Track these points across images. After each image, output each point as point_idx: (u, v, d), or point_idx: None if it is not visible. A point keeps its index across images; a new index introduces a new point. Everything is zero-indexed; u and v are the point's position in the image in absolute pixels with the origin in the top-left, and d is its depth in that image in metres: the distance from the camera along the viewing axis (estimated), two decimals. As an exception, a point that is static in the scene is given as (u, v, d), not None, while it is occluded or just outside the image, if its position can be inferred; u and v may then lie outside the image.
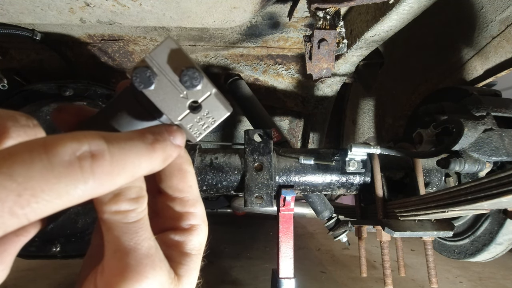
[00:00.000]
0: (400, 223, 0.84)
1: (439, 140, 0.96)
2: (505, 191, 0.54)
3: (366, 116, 1.71)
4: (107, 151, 0.24)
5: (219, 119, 0.30)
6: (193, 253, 0.34)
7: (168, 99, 0.29)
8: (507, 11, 0.99)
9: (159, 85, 0.28)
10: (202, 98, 0.29)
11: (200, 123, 0.30)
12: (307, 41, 0.77)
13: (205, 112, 0.30)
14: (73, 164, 0.23)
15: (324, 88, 1.40)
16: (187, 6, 0.81)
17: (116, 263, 0.28)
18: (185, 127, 0.30)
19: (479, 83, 1.16)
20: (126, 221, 0.28)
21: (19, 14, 0.84)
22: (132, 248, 0.28)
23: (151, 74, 0.27)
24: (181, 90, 0.29)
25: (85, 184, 0.23)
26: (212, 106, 0.29)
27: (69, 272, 1.89)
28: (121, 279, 0.28)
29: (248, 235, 2.68)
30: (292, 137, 1.74)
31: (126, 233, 0.28)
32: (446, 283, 1.94)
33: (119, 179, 0.25)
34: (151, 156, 0.27)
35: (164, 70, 0.28)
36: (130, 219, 0.28)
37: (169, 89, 0.28)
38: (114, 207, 0.28)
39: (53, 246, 0.92)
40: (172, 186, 0.34)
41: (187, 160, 0.35)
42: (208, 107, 0.30)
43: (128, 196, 0.28)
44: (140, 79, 0.27)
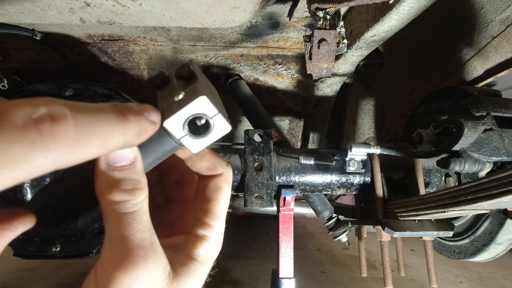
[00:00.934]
0: (400, 223, 0.84)
1: (439, 140, 0.96)
2: (505, 191, 0.54)
3: (366, 116, 1.71)
4: (70, 115, 0.23)
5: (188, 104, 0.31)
6: (198, 260, 0.35)
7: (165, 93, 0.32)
8: (507, 11, 0.99)
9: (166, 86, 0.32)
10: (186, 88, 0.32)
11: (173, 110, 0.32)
12: (307, 41, 0.77)
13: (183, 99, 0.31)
14: (29, 127, 0.21)
15: (324, 88, 1.40)
16: (187, 6, 0.81)
17: (110, 251, 0.30)
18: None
19: (479, 83, 1.16)
20: (120, 211, 0.29)
21: (19, 14, 0.84)
22: (125, 237, 0.29)
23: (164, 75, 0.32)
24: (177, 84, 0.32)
25: (46, 150, 0.22)
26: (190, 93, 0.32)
27: (69, 272, 1.89)
28: (114, 267, 0.29)
29: (248, 235, 2.68)
30: (292, 137, 1.74)
31: (120, 223, 0.29)
32: (446, 283, 1.94)
33: (90, 147, 0.25)
34: (124, 126, 0.27)
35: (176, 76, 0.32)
36: (125, 209, 0.29)
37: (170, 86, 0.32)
38: (109, 197, 0.29)
39: (53, 246, 0.92)
40: (205, 197, 0.38)
41: (226, 180, 0.39)
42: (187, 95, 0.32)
43: (123, 187, 0.29)
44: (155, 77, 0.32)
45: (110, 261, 0.29)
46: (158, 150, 0.33)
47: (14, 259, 0.94)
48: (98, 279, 0.31)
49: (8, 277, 1.83)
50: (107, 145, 0.26)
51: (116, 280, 0.29)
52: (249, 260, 2.15)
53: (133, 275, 0.29)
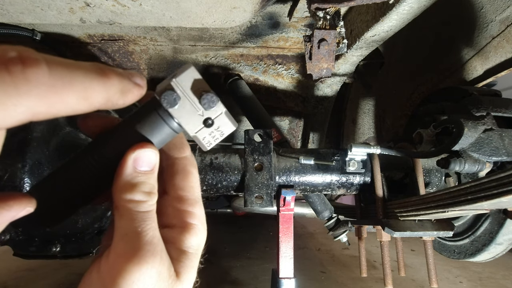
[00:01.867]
0: (400, 223, 0.84)
1: (439, 140, 0.96)
2: (505, 191, 0.54)
3: (366, 116, 1.71)
4: (43, 61, 0.24)
5: (227, 133, 0.37)
6: (190, 251, 0.36)
7: (187, 116, 0.35)
8: (507, 11, 0.99)
9: (181, 105, 0.34)
10: (215, 116, 0.36)
11: (211, 135, 0.36)
12: (307, 41, 0.77)
13: (216, 127, 0.36)
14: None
15: (324, 88, 1.40)
16: (187, 6, 0.81)
17: (123, 245, 0.31)
18: (199, 138, 0.36)
19: (479, 83, 1.16)
20: (137, 210, 0.32)
21: (19, 14, 0.84)
22: (138, 233, 0.31)
23: (176, 97, 0.33)
24: (198, 109, 0.35)
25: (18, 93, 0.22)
26: (222, 122, 0.36)
27: (69, 272, 1.89)
28: (125, 260, 0.30)
29: (248, 235, 2.68)
30: (292, 137, 1.74)
31: (135, 220, 0.32)
32: (446, 283, 1.94)
33: (68, 96, 0.25)
34: (104, 82, 0.28)
35: (187, 93, 0.34)
36: (141, 208, 0.32)
37: (189, 108, 0.35)
38: (129, 196, 0.32)
39: (53, 246, 0.92)
40: (175, 184, 0.38)
41: (192, 163, 0.39)
42: (219, 123, 0.36)
43: (142, 189, 0.33)
44: (168, 101, 0.33)
45: (121, 254, 0.31)
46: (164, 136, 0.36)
47: (14, 259, 0.94)
48: (104, 273, 0.32)
49: (8, 277, 1.83)
50: (88, 96, 0.27)
51: (127, 272, 0.30)
52: (249, 260, 2.15)
53: (143, 268, 0.30)
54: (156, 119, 0.34)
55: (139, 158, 0.33)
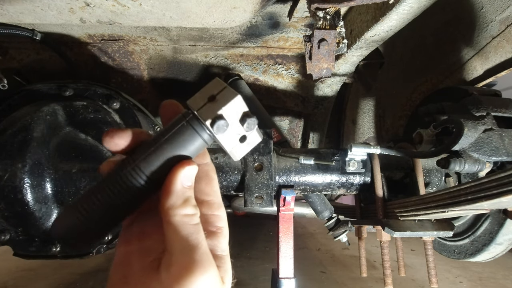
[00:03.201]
0: (400, 223, 0.84)
1: (439, 140, 0.96)
2: (505, 191, 0.54)
3: (366, 116, 1.71)
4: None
5: (255, 144, 0.40)
6: (225, 254, 0.39)
7: (228, 137, 0.37)
8: (507, 11, 0.99)
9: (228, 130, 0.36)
10: (249, 133, 0.38)
11: (243, 147, 0.40)
12: (307, 41, 0.77)
13: (247, 141, 0.39)
14: None
15: (324, 88, 1.40)
16: (187, 6, 0.81)
17: (184, 258, 0.33)
18: (233, 152, 0.39)
19: (479, 83, 1.16)
20: (192, 223, 0.35)
21: (19, 14, 0.84)
22: (196, 245, 0.34)
23: (226, 125, 0.35)
24: (239, 131, 0.37)
25: None
26: (253, 136, 0.39)
27: (69, 272, 1.89)
28: (188, 271, 0.33)
29: (248, 235, 2.68)
30: (292, 137, 1.74)
31: (192, 233, 0.34)
32: (446, 283, 1.94)
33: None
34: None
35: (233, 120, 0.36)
36: (193, 221, 0.35)
37: (232, 131, 0.37)
38: (183, 211, 0.35)
39: (53, 246, 0.92)
40: (200, 190, 0.40)
41: (213, 169, 0.42)
42: (250, 138, 0.39)
43: (192, 203, 0.36)
44: (218, 129, 0.35)
45: (183, 267, 0.33)
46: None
47: (14, 259, 0.94)
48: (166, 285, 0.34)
49: (8, 277, 1.83)
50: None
51: (191, 283, 0.32)
52: (249, 260, 2.14)
53: (205, 277, 0.33)
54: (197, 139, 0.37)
55: (186, 175, 0.36)
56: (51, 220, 0.90)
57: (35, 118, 0.86)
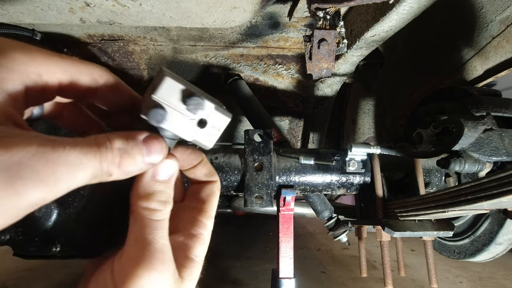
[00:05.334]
0: (400, 223, 0.84)
1: (439, 140, 0.96)
2: (505, 191, 0.54)
3: (366, 116, 1.71)
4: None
5: (223, 126, 0.36)
6: (197, 260, 0.39)
7: (180, 125, 0.34)
8: (507, 11, 0.99)
9: (171, 117, 0.33)
10: (206, 115, 0.35)
11: (209, 133, 0.36)
12: (307, 41, 0.77)
13: (211, 125, 0.35)
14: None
15: (324, 88, 1.40)
16: (187, 6, 0.81)
17: (134, 250, 0.33)
18: (198, 140, 0.36)
19: (479, 83, 1.16)
20: (151, 218, 0.34)
21: (19, 14, 0.84)
22: (150, 240, 0.33)
23: (162, 113, 0.32)
24: (189, 115, 0.34)
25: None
26: (216, 118, 0.35)
27: (69, 272, 1.89)
28: (134, 265, 0.32)
29: (248, 235, 2.68)
30: (292, 137, 1.74)
31: (148, 227, 0.33)
32: (446, 283, 1.94)
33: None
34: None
35: (172, 104, 0.33)
36: (155, 217, 0.34)
37: (179, 117, 0.34)
38: (145, 204, 0.34)
39: (53, 246, 0.92)
40: (199, 197, 0.42)
41: (219, 187, 0.43)
42: (213, 120, 0.35)
43: (159, 198, 0.34)
44: (156, 119, 0.32)
45: (132, 259, 0.33)
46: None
47: (14, 259, 0.94)
48: (116, 273, 0.34)
49: (8, 277, 1.83)
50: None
51: (136, 277, 0.32)
52: (249, 260, 2.15)
53: (152, 274, 0.32)
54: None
55: (158, 168, 0.34)
56: (51, 220, 0.90)
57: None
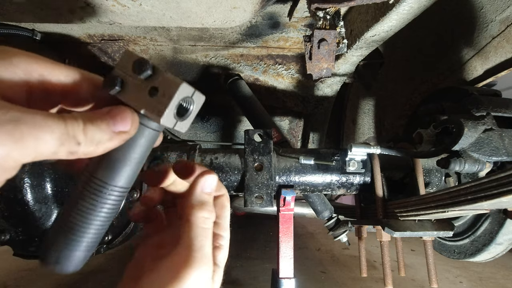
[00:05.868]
0: (400, 223, 0.84)
1: (439, 140, 0.96)
2: (505, 191, 0.54)
3: (366, 116, 1.71)
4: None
5: (176, 94, 0.31)
6: (220, 265, 0.45)
7: (133, 94, 0.32)
8: (507, 11, 0.99)
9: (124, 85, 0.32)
10: (158, 83, 0.32)
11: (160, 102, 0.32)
12: (307, 41, 0.77)
13: (161, 92, 0.32)
14: None
15: (324, 88, 1.40)
16: (187, 6, 0.81)
17: (187, 252, 0.38)
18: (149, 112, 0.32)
19: (479, 83, 1.16)
20: (203, 226, 0.40)
21: (19, 14, 0.84)
22: (200, 246, 0.39)
23: (114, 78, 0.32)
24: (137, 81, 0.32)
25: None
26: (166, 84, 0.32)
27: (69, 272, 1.88)
28: (186, 264, 0.37)
29: (248, 235, 2.68)
30: (292, 137, 1.74)
31: (200, 235, 0.40)
32: (446, 283, 1.94)
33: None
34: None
35: (124, 71, 0.33)
36: (205, 225, 0.41)
37: (131, 84, 0.32)
38: (200, 213, 0.41)
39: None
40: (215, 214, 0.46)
41: (228, 199, 0.49)
42: (164, 87, 0.32)
43: (209, 208, 0.42)
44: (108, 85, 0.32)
45: (184, 260, 0.37)
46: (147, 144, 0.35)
47: (14, 259, 0.94)
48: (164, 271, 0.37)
49: (8, 277, 1.83)
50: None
51: (187, 275, 0.37)
52: (249, 260, 2.15)
53: (199, 275, 0.38)
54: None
55: (206, 182, 0.42)
56: (51, 220, 0.90)
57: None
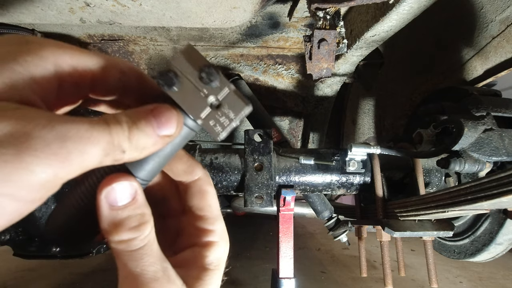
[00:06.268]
0: (400, 223, 0.84)
1: (439, 140, 0.96)
2: (505, 191, 0.54)
3: (366, 116, 1.71)
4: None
5: (239, 114, 0.31)
6: (211, 268, 0.36)
7: (190, 99, 0.30)
8: (507, 11, 0.99)
9: (182, 87, 0.30)
10: (221, 95, 0.30)
11: (222, 120, 0.31)
12: (307, 41, 0.77)
13: (225, 109, 0.30)
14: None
15: (324, 88, 1.40)
16: (187, 6, 0.81)
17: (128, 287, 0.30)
18: (209, 124, 0.31)
19: (479, 83, 1.16)
20: (129, 249, 0.29)
21: (19, 14, 0.84)
22: (138, 274, 0.30)
23: (173, 76, 0.29)
24: (201, 89, 0.30)
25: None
26: (231, 102, 0.30)
27: (69, 272, 1.89)
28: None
29: (248, 235, 2.68)
30: (292, 137, 1.74)
31: (131, 260, 0.30)
32: (446, 283, 1.94)
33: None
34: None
35: (185, 72, 0.30)
36: (133, 247, 0.29)
37: (191, 89, 0.30)
38: (116, 237, 0.29)
39: (53, 246, 0.92)
40: (193, 206, 0.37)
41: (207, 182, 0.38)
42: (228, 104, 0.30)
43: (128, 225, 0.29)
44: (164, 81, 0.29)
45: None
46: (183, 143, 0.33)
47: (14, 259, 0.95)
48: None
49: (8, 277, 1.83)
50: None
51: None
52: (249, 260, 2.15)
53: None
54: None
55: (111, 194, 0.29)
56: (51, 220, 0.90)
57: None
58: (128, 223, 0.29)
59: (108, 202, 0.29)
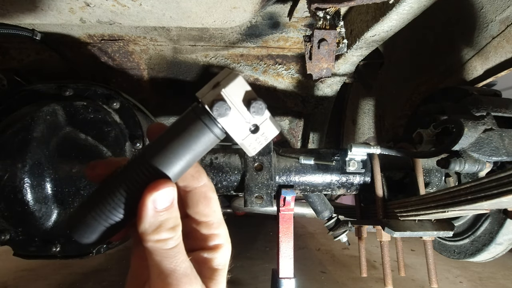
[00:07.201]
0: (400, 223, 0.84)
1: (439, 140, 0.96)
2: (505, 191, 0.54)
3: (366, 116, 1.71)
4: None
5: (271, 137, 0.38)
6: (220, 268, 0.40)
7: (235, 124, 0.36)
8: (507, 11, 0.99)
9: (231, 114, 0.35)
10: (260, 122, 0.37)
11: (257, 141, 0.37)
12: (307, 41, 0.77)
13: (261, 133, 0.37)
14: None
15: (324, 88, 1.40)
16: (187, 6, 0.81)
17: (161, 284, 0.34)
18: (245, 145, 0.37)
19: (479, 83, 1.16)
20: (166, 248, 0.34)
21: (19, 14, 0.84)
22: (172, 270, 0.34)
23: (227, 107, 0.34)
24: (246, 117, 0.36)
25: None
26: (267, 127, 0.37)
27: (69, 272, 1.89)
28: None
29: (248, 235, 2.68)
30: (292, 137, 1.74)
31: (166, 258, 0.34)
32: (446, 283, 1.94)
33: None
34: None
35: (236, 103, 0.35)
36: (169, 245, 0.34)
37: (237, 117, 0.35)
38: (156, 237, 0.34)
39: (53, 246, 0.92)
40: (198, 212, 0.40)
41: (211, 188, 0.40)
42: (264, 129, 0.37)
43: (167, 226, 0.34)
44: (220, 111, 0.34)
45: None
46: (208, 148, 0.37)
47: (14, 259, 0.94)
48: None
49: (8, 277, 1.83)
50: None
51: None
52: (249, 260, 2.15)
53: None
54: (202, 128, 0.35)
55: (157, 199, 0.34)
56: (51, 220, 0.90)
57: (35, 118, 0.86)
58: (167, 224, 0.34)
59: (154, 205, 0.33)
